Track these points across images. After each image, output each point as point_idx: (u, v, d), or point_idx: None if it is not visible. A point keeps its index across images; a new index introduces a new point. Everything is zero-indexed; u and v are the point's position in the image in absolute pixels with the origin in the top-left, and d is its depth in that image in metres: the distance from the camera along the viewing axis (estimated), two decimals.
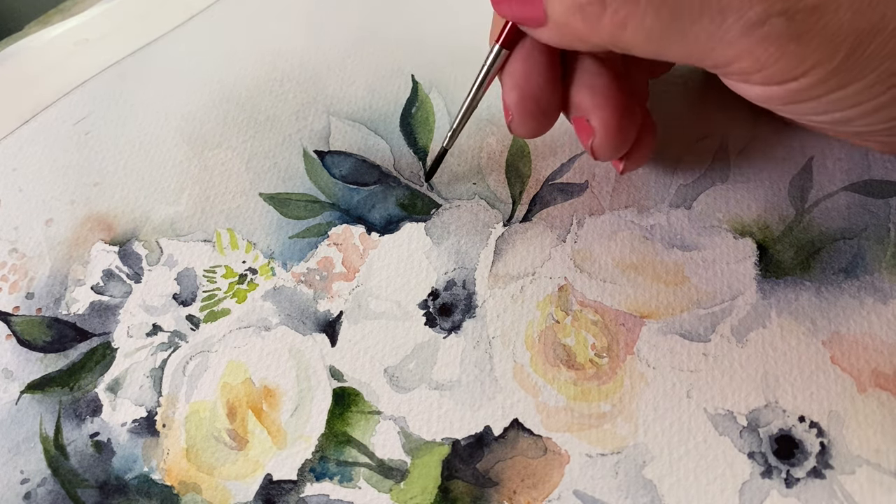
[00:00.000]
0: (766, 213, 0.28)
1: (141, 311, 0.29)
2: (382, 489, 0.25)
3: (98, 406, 0.28)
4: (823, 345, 0.25)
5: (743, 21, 0.19)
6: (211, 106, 0.34)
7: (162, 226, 0.31)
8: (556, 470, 0.25)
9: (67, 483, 0.26)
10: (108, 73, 0.36)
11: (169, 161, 0.33)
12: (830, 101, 0.21)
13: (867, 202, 0.27)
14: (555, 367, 0.26)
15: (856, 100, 0.21)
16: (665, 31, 0.20)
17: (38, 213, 0.32)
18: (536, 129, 0.26)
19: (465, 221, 0.29)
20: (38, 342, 0.29)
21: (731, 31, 0.20)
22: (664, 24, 0.20)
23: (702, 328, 0.26)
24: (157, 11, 0.37)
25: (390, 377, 0.27)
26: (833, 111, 0.22)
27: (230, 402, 0.27)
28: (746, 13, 0.19)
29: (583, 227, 0.29)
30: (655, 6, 0.20)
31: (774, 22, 0.19)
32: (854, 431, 0.24)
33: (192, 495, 0.26)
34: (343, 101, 0.33)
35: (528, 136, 0.27)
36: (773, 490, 0.24)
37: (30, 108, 0.35)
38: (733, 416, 0.25)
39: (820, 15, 0.19)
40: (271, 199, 0.31)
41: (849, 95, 0.21)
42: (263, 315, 0.29)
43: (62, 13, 0.38)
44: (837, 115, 0.22)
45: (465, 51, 0.34)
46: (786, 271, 0.27)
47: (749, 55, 0.20)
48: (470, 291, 0.28)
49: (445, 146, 0.29)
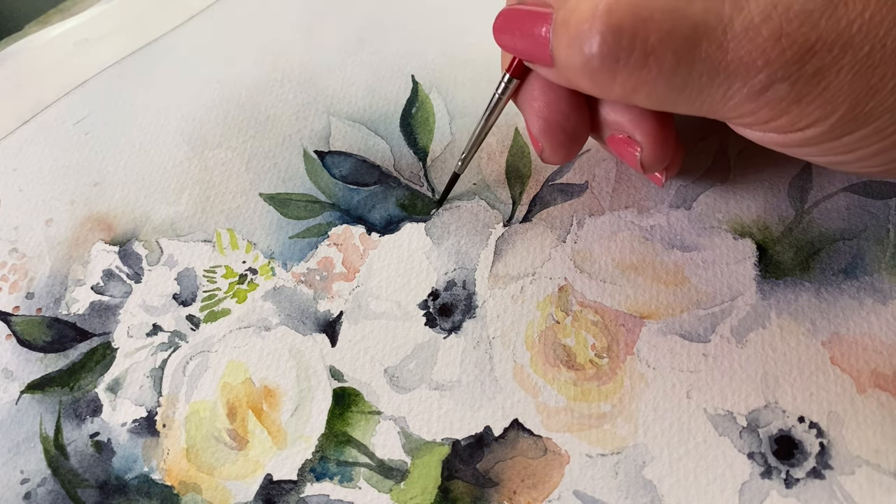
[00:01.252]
0: (766, 213, 0.28)
1: (141, 311, 0.29)
2: (382, 489, 0.25)
3: (98, 406, 0.28)
4: (823, 345, 0.25)
5: (748, 86, 0.20)
6: (211, 106, 0.34)
7: (162, 226, 0.31)
8: (556, 470, 0.25)
9: (67, 483, 0.26)
10: (108, 73, 0.36)
11: (169, 161, 0.33)
12: (829, 147, 0.22)
13: (867, 203, 0.27)
14: (555, 368, 0.26)
15: (854, 146, 0.21)
16: (675, 96, 0.21)
17: (38, 213, 0.32)
18: (568, 155, 0.26)
19: (465, 222, 0.29)
20: (38, 342, 0.29)
21: (737, 95, 0.20)
22: (675, 90, 0.21)
23: (702, 329, 0.26)
24: (157, 11, 0.37)
25: (390, 377, 0.27)
26: (830, 155, 0.22)
27: (230, 402, 0.27)
28: (752, 79, 0.20)
29: (583, 228, 0.29)
30: (667, 74, 0.20)
31: (778, 87, 0.20)
32: (854, 432, 0.24)
33: (192, 495, 0.26)
34: (343, 102, 0.33)
35: (561, 163, 0.27)
36: (773, 490, 0.24)
37: (30, 108, 0.35)
38: (733, 416, 0.25)
39: (821, 78, 0.19)
40: (271, 199, 0.31)
41: (847, 143, 0.21)
42: (263, 315, 0.29)
43: (62, 13, 0.38)
44: (835, 158, 0.23)
45: (466, 51, 0.34)
46: (785, 272, 0.27)
47: (753, 114, 0.21)
48: (470, 292, 0.28)
49: (457, 171, 0.29)
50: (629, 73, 0.21)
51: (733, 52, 0.20)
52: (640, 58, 0.20)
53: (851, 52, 0.19)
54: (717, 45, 0.20)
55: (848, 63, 0.19)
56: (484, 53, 0.33)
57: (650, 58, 0.20)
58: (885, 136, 0.21)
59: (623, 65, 0.20)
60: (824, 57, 0.19)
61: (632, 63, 0.20)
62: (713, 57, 0.20)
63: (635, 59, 0.20)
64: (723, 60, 0.20)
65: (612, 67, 0.21)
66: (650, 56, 0.20)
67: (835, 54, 0.19)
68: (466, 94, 0.32)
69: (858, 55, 0.19)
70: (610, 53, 0.20)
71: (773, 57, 0.19)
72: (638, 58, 0.20)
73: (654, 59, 0.20)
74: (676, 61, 0.20)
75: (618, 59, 0.20)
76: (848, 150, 0.22)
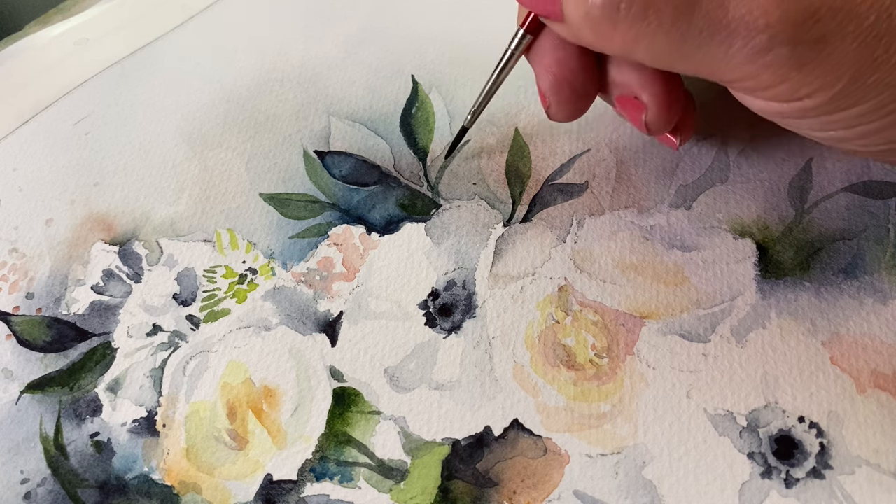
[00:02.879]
0: (766, 213, 0.28)
1: (141, 311, 0.29)
2: (382, 489, 0.25)
3: (98, 406, 0.28)
4: (823, 345, 0.25)
5: (749, 47, 0.20)
6: (211, 106, 0.34)
7: (162, 226, 0.31)
8: (556, 470, 0.25)
9: (67, 483, 0.26)
10: (108, 73, 0.36)
11: (169, 161, 0.33)
12: (830, 120, 0.21)
13: (867, 203, 0.27)
14: (555, 368, 0.26)
15: (855, 122, 0.21)
16: (674, 50, 0.21)
17: (38, 213, 0.32)
18: (574, 113, 0.26)
19: (465, 222, 0.29)
20: (38, 342, 0.29)
21: (737, 56, 0.20)
22: (674, 45, 0.21)
23: (701, 328, 0.26)
24: (157, 11, 0.37)
25: (390, 377, 0.27)
26: (832, 129, 0.22)
27: (230, 402, 0.27)
28: (752, 40, 0.20)
29: (583, 228, 0.29)
30: (666, 28, 0.20)
31: (779, 51, 0.19)
32: (853, 432, 0.24)
33: (192, 495, 0.26)
34: (343, 101, 0.33)
35: (567, 121, 0.27)
36: (773, 490, 0.24)
37: (30, 108, 0.35)
38: (733, 416, 0.25)
39: (824, 45, 0.19)
40: (271, 199, 0.31)
41: (848, 118, 0.21)
42: (263, 315, 0.29)
43: (62, 13, 0.38)
44: (836, 133, 0.22)
45: (466, 51, 0.34)
46: (785, 272, 0.27)
47: (753, 77, 0.21)
48: (470, 292, 0.28)
49: (466, 125, 0.29)
50: (629, 25, 0.21)
51: (734, 10, 0.19)
52: (639, 10, 0.20)
53: (856, 21, 0.19)
54: (718, 2, 0.19)
55: (852, 31, 0.19)
56: (484, 53, 0.33)
57: (650, 10, 0.20)
58: (886, 113, 0.21)
59: (623, 16, 0.20)
60: (828, 23, 0.19)
61: (632, 14, 0.20)
62: (714, 13, 0.20)
63: (635, 10, 0.20)
64: (723, 18, 0.20)
65: (613, 18, 0.21)
66: (650, 8, 0.20)
67: (839, 21, 0.19)
68: (466, 94, 0.32)
69: (863, 24, 0.19)
70: (611, 3, 0.20)
71: (774, 18, 0.19)
72: (638, 10, 0.20)
73: (654, 12, 0.20)
74: (676, 15, 0.20)
75: (618, 10, 0.20)
76: (848, 126, 0.22)
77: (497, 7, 0.25)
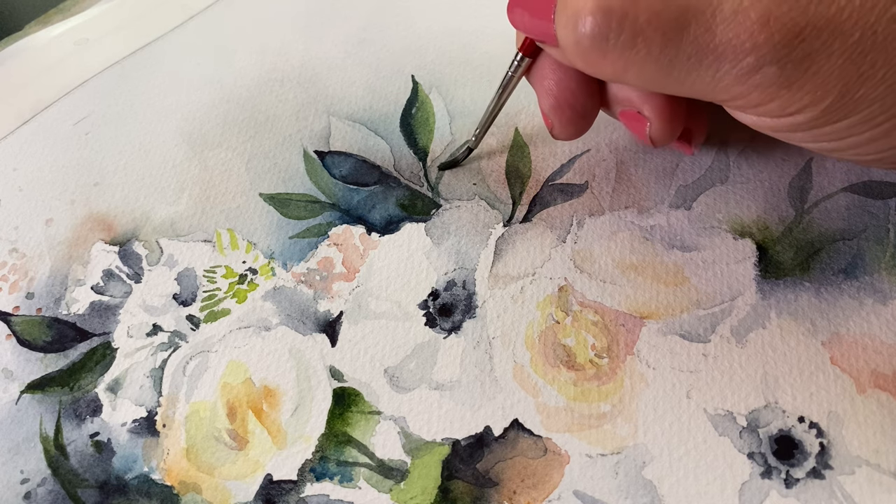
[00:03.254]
0: (766, 213, 0.28)
1: (141, 311, 0.29)
2: (382, 489, 0.25)
3: (98, 406, 0.28)
4: (823, 345, 0.25)
5: (737, 69, 0.20)
6: (211, 106, 0.34)
7: (162, 226, 0.31)
8: (556, 470, 0.25)
9: (67, 483, 0.26)
10: (108, 73, 0.36)
11: (169, 161, 0.33)
12: (821, 133, 0.22)
13: (867, 203, 0.27)
14: (555, 368, 0.26)
15: (845, 133, 0.22)
16: (664, 76, 0.21)
17: (38, 213, 0.32)
18: (577, 132, 0.27)
19: (465, 222, 0.29)
20: (38, 342, 0.29)
21: (726, 78, 0.20)
22: (663, 71, 0.21)
23: (702, 329, 0.26)
24: (157, 11, 0.37)
25: (390, 377, 0.27)
26: (824, 141, 0.23)
27: (230, 402, 0.27)
28: (740, 62, 0.20)
29: (583, 228, 0.29)
30: (655, 55, 0.21)
31: (767, 71, 0.20)
32: (853, 432, 0.24)
33: (192, 495, 0.26)
34: (343, 102, 0.33)
35: (570, 139, 0.27)
36: (773, 490, 0.24)
37: (30, 108, 0.35)
38: (733, 416, 0.25)
39: (810, 63, 0.20)
40: (271, 199, 0.31)
41: (838, 130, 0.21)
42: (263, 315, 0.29)
43: (62, 13, 0.38)
44: (828, 144, 0.23)
45: (466, 51, 0.34)
46: (785, 272, 0.27)
47: (743, 97, 0.21)
48: (470, 292, 0.28)
49: (471, 146, 0.30)
50: (619, 54, 0.21)
51: (721, 35, 0.20)
52: (628, 38, 0.20)
53: (841, 39, 0.19)
54: (705, 27, 0.20)
55: (838, 49, 0.19)
56: (484, 53, 0.33)
57: (638, 38, 0.20)
58: (875, 125, 0.21)
59: (613, 45, 0.21)
60: (813, 42, 0.19)
61: (621, 43, 0.21)
62: (701, 39, 0.20)
63: (624, 39, 0.21)
64: (711, 42, 0.20)
65: (602, 47, 0.21)
66: (638, 37, 0.20)
67: (824, 39, 0.19)
68: (466, 94, 0.33)
69: (848, 41, 0.19)
70: (600, 33, 0.21)
71: (761, 40, 0.19)
72: (627, 38, 0.21)
73: (643, 40, 0.20)
74: (664, 42, 0.20)
75: (607, 39, 0.21)
76: (839, 137, 0.22)
77: (497, 7, 0.25)
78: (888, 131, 0.21)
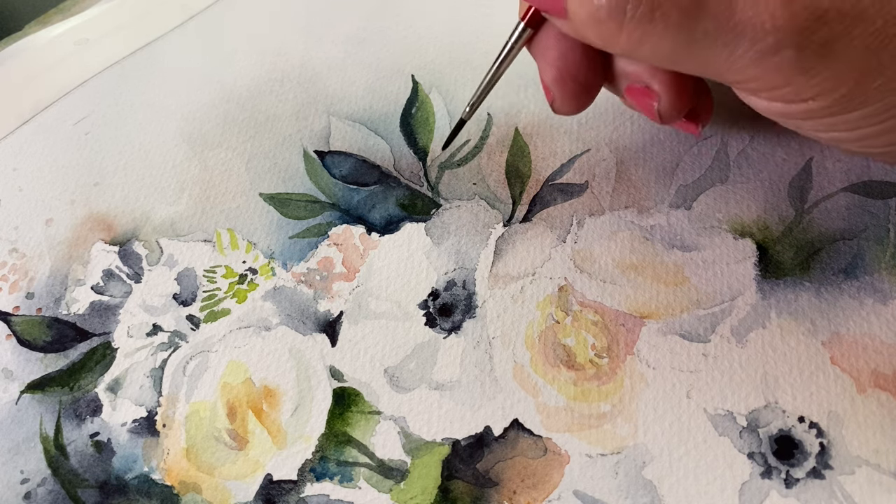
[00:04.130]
0: (766, 213, 0.28)
1: (141, 311, 0.29)
2: (382, 489, 0.25)
3: (98, 406, 0.28)
4: (823, 345, 0.25)
5: (755, 49, 0.20)
6: (211, 106, 0.34)
7: (162, 226, 0.31)
8: (556, 470, 0.25)
9: (67, 483, 0.26)
10: (108, 73, 0.36)
11: (169, 161, 0.33)
12: (833, 122, 0.21)
13: (867, 203, 0.27)
14: (555, 368, 0.26)
15: (858, 124, 0.21)
16: (679, 52, 0.21)
17: (38, 213, 0.32)
18: (579, 106, 0.26)
19: (465, 222, 0.29)
20: (38, 342, 0.29)
21: (743, 58, 0.20)
22: (679, 46, 0.21)
23: (702, 328, 0.26)
24: (157, 11, 0.37)
25: (390, 377, 0.27)
26: (834, 131, 0.22)
27: (230, 402, 0.27)
28: (759, 42, 0.19)
29: (583, 228, 0.29)
30: (673, 29, 0.20)
31: (785, 53, 0.19)
32: (853, 432, 0.24)
33: (192, 495, 0.26)
34: (343, 101, 0.33)
35: (572, 114, 0.27)
36: (773, 490, 0.24)
37: (30, 108, 0.35)
38: (733, 416, 0.25)
39: (830, 49, 0.19)
40: (271, 199, 0.31)
41: (851, 120, 0.21)
42: (263, 315, 0.29)
43: (62, 13, 0.38)
44: (838, 134, 0.22)
45: (466, 51, 0.34)
46: (785, 272, 0.27)
47: (758, 79, 0.21)
48: (470, 292, 0.28)
49: (464, 117, 0.29)
50: (635, 26, 0.20)
51: (741, 13, 0.19)
52: (646, 11, 0.20)
53: (863, 25, 0.19)
54: (725, 3, 0.19)
55: (858, 35, 0.19)
56: (484, 53, 0.33)
57: (657, 12, 0.20)
58: (889, 117, 0.21)
59: (630, 18, 0.20)
60: (835, 27, 0.19)
61: (638, 16, 0.20)
62: (721, 15, 0.19)
63: (642, 12, 0.20)
64: (730, 20, 0.19)
65: (619, 19, 0.21)
66: (657, 10, 0.20)
67: (846, 25, 0.19)
68: (466, 95, 0.32)
69: (870, 28, 0.19)
70: (617, 6, 0.20)
71: (781, 21, 0.19)
72: (644, 12, 0.20)
73: (661, 14, 0.20)
74: (682, 17, 0.20)
75: (624, 12, 0.20)
76: (851, 128, 0.22)
77: (498, 7, 0.25)
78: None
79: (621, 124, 0.30)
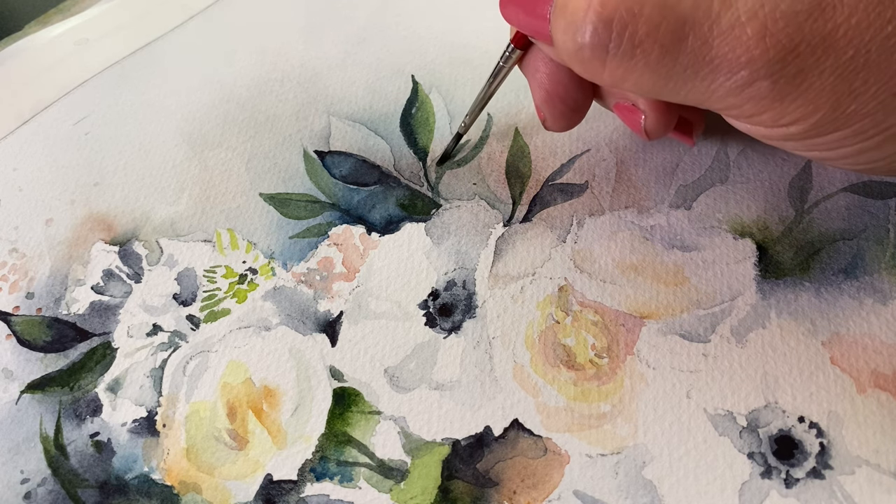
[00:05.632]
0: (766, 213, 0.28)
1: (141, 311, 0.29)
2: (382, 489, 0.25)
3: (98, 406, 0.28)
4: (823, 345, 0.25)
5: (731, 82, 0.20)
6: (211, 106, 0.34)
7: (162, 226, 0.31)
8: (556, 470, 0.25)
9: (67, 483, 0.26)
10: (108, 73, 0.36)
11: (169, 161, 0.33)
12: (813, 144, 0.22)
13: (867, 203, 0.27)
14: (555, 368, 0.26)
15: (837, 145, 0.22)
16: (661, 85, 0.22)
17: (38, 213, 0.32)
18: (569, 124, 0.27)
19: (465, 222, 0.29)
20: (38, 342, 0.29)
21: (720, 90, 0.21)
22: (660, 81, 0.21)
23: (702, 329, 0.26)
24: (157, 11, 0.37)
25: (390, 377, 0.27)
26: (815, 151, 0.23)
27: (230, 402, 0.27)
28: (734, 76, 0.20)
29: (583, 228, 0.29)
30: (653, 65, 0.21)
31: (761, 84, 0.20)
32: (853, 432, 0.24)
33: (193, 495, 0.26)
34: (343, 101, 0.33)
35: (563, 131, 0.28)
36: (773, 490, 0.24)
37: (30, 108, 0.35)
38: (733, 416, 0.25)
39: (803, 79, 0.20)
40: (271, 199, 0.31)
41: (829, 142, 0.22)
42: (263, 315, 0.29)
43: (62, 13, 0.38)
44: (819, 154, 0.23)
45: (466, 51, 0.34)
46: (785, 272, 0.27)
47: (737, 108, 0.21)
48: (470, 292, 0.28)
49: (460, 132, 0.30)
50: (618, 64, 0.21)
51: (717, 48, 0.20)
52: (628, 49, 0.21)
53: (834, 56, 0.19)
54: (702, 40, 0.20)
55: (830, 66, 0.20)
56: (484, 53, 0.33)
57: (637, 50, 0.21)
58: (866, 138, 0.21)
59: (612, 55, 0.21)
60: (807, 58, 0.20)
61: (620, 54, 0.21)
62: (698, 52, 0.20)
63: (623, 50, 0.21)
64: (707, 55, 0.20)
65: (602, 57, 0.21)
66: (638, 48, 0.21)
67: (817, 56, 0.20)
68: (466, 94, 0.33)
69: (841, 59, 0.19)
70: (600, 44, 0.21)
71: (755, 55, 0.20)
72: (626, 49, 0.21)
73: (642, 52, 0.21)
74: (662, 54, 0.21)
75: (607, 50, 0.21)
76: (830, 148, 0.22)
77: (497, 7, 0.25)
78: (879, 144, 0.21)
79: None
